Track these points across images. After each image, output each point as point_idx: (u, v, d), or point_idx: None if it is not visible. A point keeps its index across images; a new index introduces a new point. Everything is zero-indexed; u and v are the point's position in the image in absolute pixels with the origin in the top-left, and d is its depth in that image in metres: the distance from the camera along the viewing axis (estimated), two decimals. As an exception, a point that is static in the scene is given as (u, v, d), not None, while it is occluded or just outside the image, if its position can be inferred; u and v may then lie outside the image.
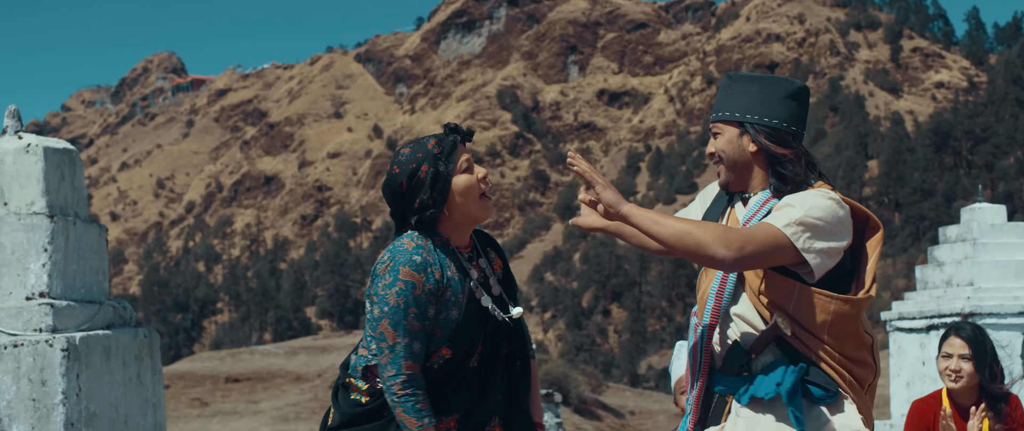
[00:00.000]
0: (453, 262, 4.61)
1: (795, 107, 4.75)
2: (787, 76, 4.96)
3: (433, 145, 4.60)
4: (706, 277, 4.80)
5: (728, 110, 4.78)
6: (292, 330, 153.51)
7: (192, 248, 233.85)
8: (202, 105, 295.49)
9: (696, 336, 4.78)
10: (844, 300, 4.63)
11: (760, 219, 4.65)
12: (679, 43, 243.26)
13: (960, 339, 6.79)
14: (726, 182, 4.83)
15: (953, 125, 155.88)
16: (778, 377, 4.58)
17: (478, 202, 4.65)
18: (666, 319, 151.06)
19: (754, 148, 4.73)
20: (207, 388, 63.38)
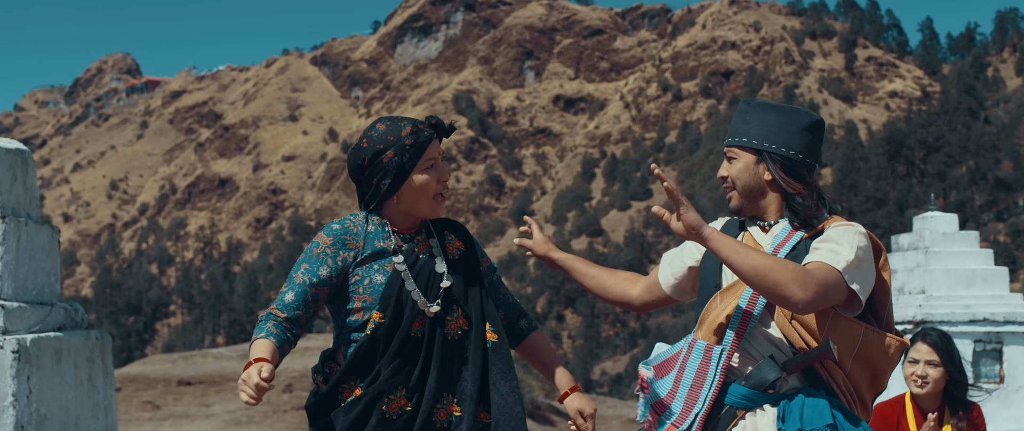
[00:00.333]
0: (388, 237, 4.73)
1: (810, 139, 4.80)
2: (804, 108, 4.97)
3: (407, 135, 4.65)
4: (724, 298, 4.78)
5: (746, 136, 4.81)
6: (245, 333, 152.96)
7: (145, 250, 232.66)
8: (156, 106, 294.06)
9: (704, 356, 4.74)
10: (873, 330, 4.72)
11: (789, 252, 4.71)
12: (635, 50, 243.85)
13: (927, 345, 6.81)
14: (739, 207, 4.87)
15: (906, 134, 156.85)
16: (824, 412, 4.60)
17: (430, 202, 4.73)
18: (620, 325, 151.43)
19: (770, 177, 4.79)
20: (159, 391, 63.08)
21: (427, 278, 4.69)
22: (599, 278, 5.32)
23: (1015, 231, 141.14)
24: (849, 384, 4.71)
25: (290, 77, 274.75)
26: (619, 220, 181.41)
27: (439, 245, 4.79)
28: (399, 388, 4.63)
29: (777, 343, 4.70)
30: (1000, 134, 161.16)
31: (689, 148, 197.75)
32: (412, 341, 4.65)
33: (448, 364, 4.67)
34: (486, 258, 4.95)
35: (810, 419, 4.60)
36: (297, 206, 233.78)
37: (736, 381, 4.73)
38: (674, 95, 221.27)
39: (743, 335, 4.70)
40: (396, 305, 4.64)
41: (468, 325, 4.72)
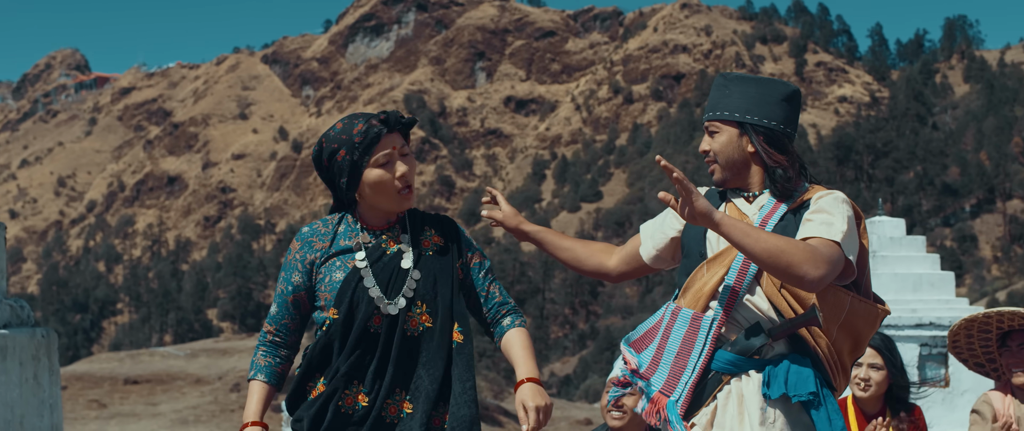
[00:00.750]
0: (357, 233, 4.75)
1: (789, 109, 4.86)
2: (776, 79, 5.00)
3: (357, 132, 4.63)
4: (711, 267, 4.83)
5: (727, 109, 4.86)
6: (193, 332, 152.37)
7: (93, 248, 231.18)
8: (105, 103, 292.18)
9: (691, 324, 4.79)
10: (859, 299, 4.80)
11: (777, 224, 4.77)
12: (586, 52, 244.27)
13: (870, 348, 6.82)
14: (722, 180, 4.91)
15: (855, 139, 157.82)
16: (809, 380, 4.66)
17: (392, 197, 4.70)
18: (569, 326, 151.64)
19: (753, 149, 4.84)
20: (106, 389, 62.71)
21: (390, 274, 4.68)
22: (573, 250, 5.32)
23: (961, 236, 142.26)
24: (833, 351, 4.76)
25: (240, 75, 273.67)
26: (569, 221, 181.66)
27: (410, 240, 4.76)
28: (355, 383, 4.64)
29: (763, 310, 4.75)
30: (947, 140, 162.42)
31: (639, 150, 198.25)
32: (370, 337, 4.65)
33: (404, 360, 4.66)
34: (476, 253, 4.87)
35: (795, 385, 4.66)
36: (246, 205, 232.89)
37: (722, 347, 4.77)
38: (625, 98, 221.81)
39: (734, 304, 4.75)
40: (350, 302, 4.64)
41: (433, 322, 4.69)
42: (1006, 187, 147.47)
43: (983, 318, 6.46)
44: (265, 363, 4.75)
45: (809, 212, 4.76)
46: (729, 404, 4.74)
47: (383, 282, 4.67)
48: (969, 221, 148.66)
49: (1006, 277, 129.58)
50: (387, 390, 4.64)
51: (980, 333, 6.57)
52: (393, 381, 4.65)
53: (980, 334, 6.58)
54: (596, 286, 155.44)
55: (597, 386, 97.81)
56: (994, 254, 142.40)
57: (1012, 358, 6.41)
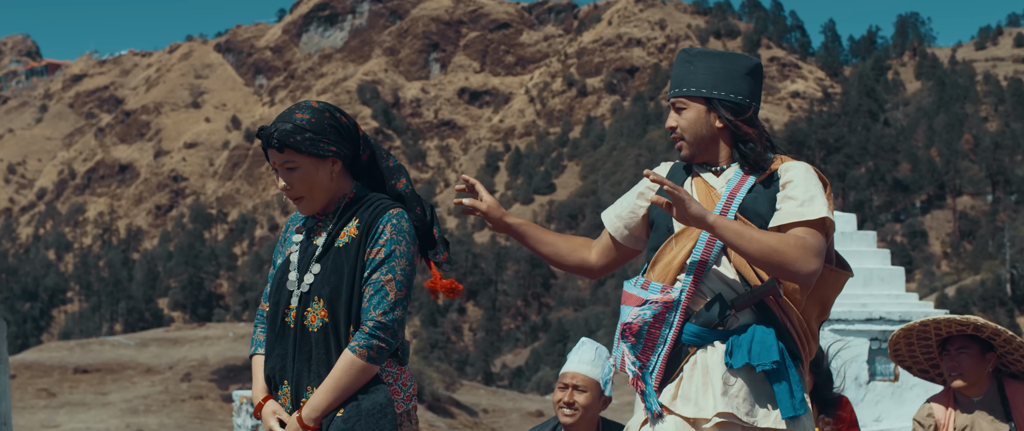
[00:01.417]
0: (303, 221, 4.79)
1: (753, 83, 4.91)
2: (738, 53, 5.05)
3: None
4: (679, 241, 4.87)
5: (694, 85, 4.89)
6: (144, 321, 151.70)
7: (43, 235, 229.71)
8: (57, 90, 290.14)
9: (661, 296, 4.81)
10: (829, 268, 4.86)
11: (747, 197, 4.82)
12: (541, 44, 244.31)
13: None
14: (690, 156, 4.95)
15: (807, 134, 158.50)
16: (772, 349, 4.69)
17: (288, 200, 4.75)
18: (521, 318, 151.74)
19: (721, 124, 4.88)
20: (55, 379, 62.34)
21: (305, 265, 4.66)
22: (555, 245, 5.25)
23: (912, 232, 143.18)
24: (801, 319, 4.80)
25: (193, 63, 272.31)
26: (522, 214, 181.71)
27: (329, 231, 4.68)
28: (284, 382, 4.63)
29: (730, 281, 4.79)
30: (899, 136, 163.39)
31: (593, 143, 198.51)
32: (288, 331, 4.63)
33: (306, 357, 4.58)
34: (379, 249, 4.57)
35: (758, 354, 4.69)
36: (198, 194, 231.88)
37: (688, 320, 4.81)
38: (579, 90, 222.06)
39: (702, 277, 4.79)
40: (277, 294, 4.67)
41: (334, 319, 4.58)
42: (956, 184, 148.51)
43: (921, 327, 6.55)
44: (261, 338, 4.76)
45: (783, 191, 4.82)
46: (694, 375, 4.78)
47: (300, 274, 4.66)
48: (919, 217, 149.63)
49: (955, 273, 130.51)
50: (298, 386, 4.59)
51: (920, 340, 6.66)
52: (301, 378, 4.59)
53: (920, 341, 6.66)
54: (548, 278, 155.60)
55: (549, 378, 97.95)
56: (944, 250, 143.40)
57: (951, 362, 6.50)
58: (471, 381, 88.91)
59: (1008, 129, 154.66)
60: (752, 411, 4.73)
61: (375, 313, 4.50)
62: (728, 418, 4.72)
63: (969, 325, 6.37)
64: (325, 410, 4.50)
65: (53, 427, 48.84)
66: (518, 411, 62.95)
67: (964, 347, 6.46)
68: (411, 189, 4.81)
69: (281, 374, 4.62)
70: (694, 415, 4.75)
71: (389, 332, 4.52)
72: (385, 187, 4.78)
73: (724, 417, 4.72)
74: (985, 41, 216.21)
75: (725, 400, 4.71)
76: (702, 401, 4.75)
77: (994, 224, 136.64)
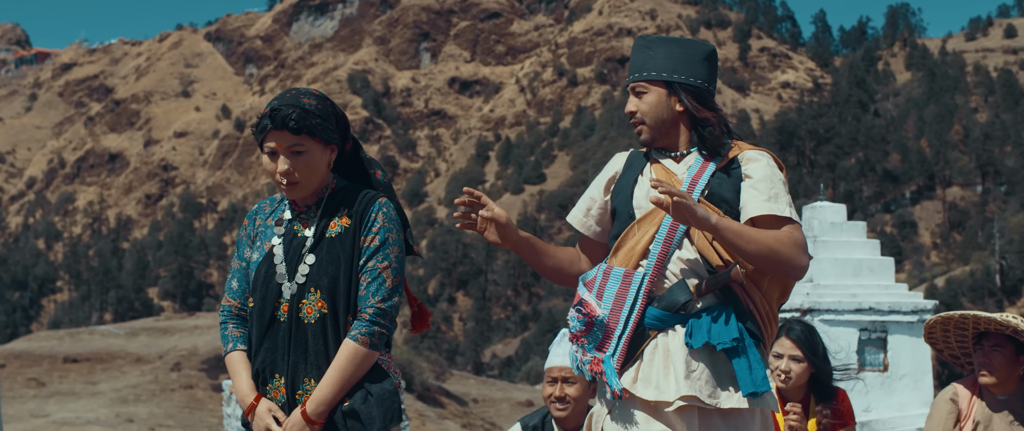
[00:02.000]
0: (282, 212, 4.74)
1: (710, 67, 4.98)
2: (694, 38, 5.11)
3: (261, 115, 4.60)
4: (642, 226, 4.91)
5: (654, 69, 4.94)
6: (133, 311, 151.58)
7: (32, 225, 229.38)
8: (46, 79, 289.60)
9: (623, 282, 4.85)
10: None
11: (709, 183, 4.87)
12: (531, 34, 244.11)
13: (790, 340, 6.82)
14: (650, 140, 4.99)
15: (797, 125, 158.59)
16: (732, 328, 4.73)
17: (280, 186, 4.62)
18: (511, 308, 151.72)
19: (681, 108, 4.93)
20: (44, 368, 62.26)
21: (294, 257, 4.63)
22: (557, 258, 5.24)
23: (901, 223, 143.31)
24: (764, 300, 4.86)
25: (183, 52, 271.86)
26: (512, 203, 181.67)
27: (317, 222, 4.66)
28: (277, 375, 4.61)
29: (693, 264, 4.84)
30: (889, 127, 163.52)
31: (583, 133, 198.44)
32: (278, 325, 4.60)
33: (304, 348, 4.56)
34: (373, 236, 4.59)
35: (717, 333, 4.72)
36: (188, 183, 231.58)
37: (651, 303, 4.84)
38: (569, 80, 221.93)
39: (664, 261, 4.83)
40: (263, 287, 4.61)
41: (328, 310, 4.57)
42: (946, 174, 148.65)
43: (960, 318, 6.57)
44: (240, 333, 4.69)
45: (748, 181, 4.88)
46: (655, 358, 4.81)
47: (289, 265, 4.62)
48: (909, 207, 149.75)
49: (945, 263, 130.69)
50: (294, 379, 4.57)
51: (957, 329, 6.67)
52: (297, 371, 4.57)
53: (957, 330, 6.68)
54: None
55: (538, 368, 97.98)
56: (933, 240, 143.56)
57: (983, 358, 6.52)
58: (461, 371, 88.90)
59: (998, 120, 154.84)
60: (715, 393, 4.75)
61: (374, 300, 4.52)
62: (691, 401, 4.74)
63: (1009, 327, 6.37)
64: (331, 402, 4.49)
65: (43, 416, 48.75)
66: (508, 401, 62.96)
67: (999, 345, 6.48)
68: (387, 180, 4.83)
69: (272, 368, 4.59)
70: (656, 398, 4.77)
71: (388, 318, 4.54)
72: (364, 178, 4.81)
73: (687, 400, 4.74)
74: (975, 32, 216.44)
75: (688, 383, 4.74)
76: (664, 384, 4.77)
77: (984, 215, 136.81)
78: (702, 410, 4.78)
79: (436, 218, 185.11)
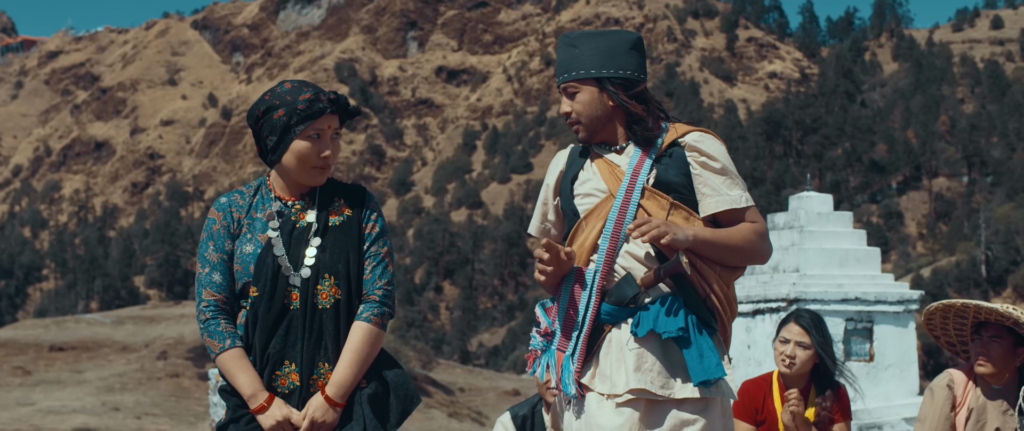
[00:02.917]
0: (268, 204, 4.76)
1: (638, 56, 4.93)
2: (617, 29, 5.07)
3: (303, 100, 4.64)
4: (589, 222, 4.91)
5: (582, 68, 4.91)
6: (120, 299, 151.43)
7: (18, 213, 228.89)
8: (32, 66, 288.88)
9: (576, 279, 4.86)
10: None
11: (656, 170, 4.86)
12: (519, 23, 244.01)
13: (799, 327, 6.87)
14: (587, 138, 4.98)
15: (784, 115, 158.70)
16: (677, 316, 4.73)
17: (307, 171, 4.68)
18: (498, 297, 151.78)
19: (612, 102, 4.90)
20: (30, 356, 62.19)
21: (298, 246, 4.68)
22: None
23: (888, 213, 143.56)
24: (723, 286, 4.85)
25: (170, 40, 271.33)
26: (499, 193, 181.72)
27: (317, 212, 4.74)
28: (287, 362, 4.64)
29: (641, 258, 4.82)
30: (876, 117, 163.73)
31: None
32: (290, 314, 4.64)
33: (319, 334, 4.64)
34: (374, 224, 4.78)
35: (664, 323, 4.72)
36: (175, 171, 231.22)
37: (604, 299, 4.84)
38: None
39: (614, 255, 4.81)
40: (268, 277, 4.63)
41: (342, 295, 4.67)
42: (932, 165, 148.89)
43: (961, 307, 6.60)
44: (231, 330, 4.66)
45: (700, 168, 4.88)
46: (610, 352, 4.82)
47: (291, 255, 4.67)
48: (895, 198, 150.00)
49: (931, 254, 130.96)
50: (309, 364, 4.62)
51: (956, 318, 6.70)
52: (313, 356, 4.63)
53: (956, 318, 6.71)
54: (525, 257, 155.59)
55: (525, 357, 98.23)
56: (919, 231, 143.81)
57: (982, 348, 6.55)
58: (448, 360, 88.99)
59: (984, 111, 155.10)
60: (667, 384, 4.75)
61: (381, 282, 4.70)
62: (640, 393, 4.74)
63: (1010, 318, 6.41)
64: (352, 384, 4.61)
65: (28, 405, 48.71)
66: (494, 390, 63.05)
67: (998, 336, 6.52)
68: None
69: (280, 356, 4.63)
70: (609, 392, 4.78)
71: (392, 300, 4.74)
72: None
73: (636, 393, 4.74)
74: (962, 23, 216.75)
75: (637, 376, 4.73)
76: (616, 378, 4.78)
77: (970, 206, 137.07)
78: (658, 401, 4.76)
79: (423, 207, 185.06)
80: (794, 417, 6.73)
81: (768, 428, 6.97)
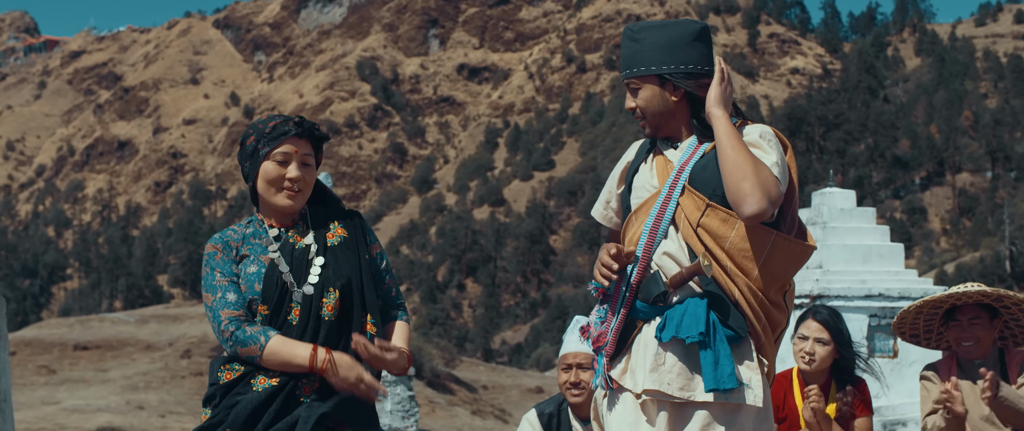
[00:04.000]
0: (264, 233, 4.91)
1: (703, 48, 4.90)
2: (681, 19, 5.07)
3: (272, 125, 4.83)
4: (638, 217, 4.91)
5: (643, 64, 4.88)
6: (143, 298, 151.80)
7: (42, 212, 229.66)
8: (55, 66, 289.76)
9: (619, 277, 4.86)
10: (783, 237, 4.80)
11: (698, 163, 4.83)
12: (540, 20, 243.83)
13: (817, 323, 6.87)
14: (653, 133, 4.97)
15: (807, 111, 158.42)
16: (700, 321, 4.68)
17: (276, 194, 4.85)
18: (520, 294, 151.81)
19: (676, 97, 4.87)
20: (55, 355, 62.38)
21: (300, 265, 4.83)
22: None
23: (911, 208, 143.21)
24: (753, 290, 4.76)
25: (192, 40, 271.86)
26: (521, 190, 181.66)
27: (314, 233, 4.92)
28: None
29: (675, 256, 4.80)
30: (898, 113, 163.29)
31: (592, 120, 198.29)
32: (290, 328, 4.77)
33: (332, 345, 4.78)
34: (377, 245, 5.05)
35: (686, 327, 4.69)
36: (197, 170, 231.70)
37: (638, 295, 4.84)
38: (578, 66, 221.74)
39: (650, 251, 4.80)
40: (277, 294, 4.77)
41: (345, 308, 4.82)
42: (956, 160, 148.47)
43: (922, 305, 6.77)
44: (258, 328, 4.74)
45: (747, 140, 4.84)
46: (638, 349, 4.83)
47: (295, 272, 4.82)
48: (919, 194, 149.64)
49: (954, 249, 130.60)
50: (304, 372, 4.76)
51: (930, 311, 6.79)
52: None
53: (929, 311, 6.79)
54: (548, 255, 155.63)
55: (548, 354, 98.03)
56: (943, 227, 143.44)
57: (963, 332, 6.67)
58: (470, 357, 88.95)
59: (1008, 106, 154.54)
60: (687, 386, 4.74)
61: (399, 295, 5.07)
62: (654, 394, 4.75)
63: (991, 296, 6.63)
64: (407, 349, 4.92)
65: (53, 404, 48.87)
66: (518, 387, 63.00)
67: (977, 317, 6.70)
68: None
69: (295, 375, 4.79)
70: (632, 388, 4.81)
71: None
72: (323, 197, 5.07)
73: (650, 393, 4.75)
74: (985, 17, 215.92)
75: (654, 376, 4.75)
76: (638, 375, 4.81)
77: (993, 201, 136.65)
78: (681, 402, 4.76)
79: (445, 205, 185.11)
80: (815, 413, 6.72)
81: (789, 425, 6.96)
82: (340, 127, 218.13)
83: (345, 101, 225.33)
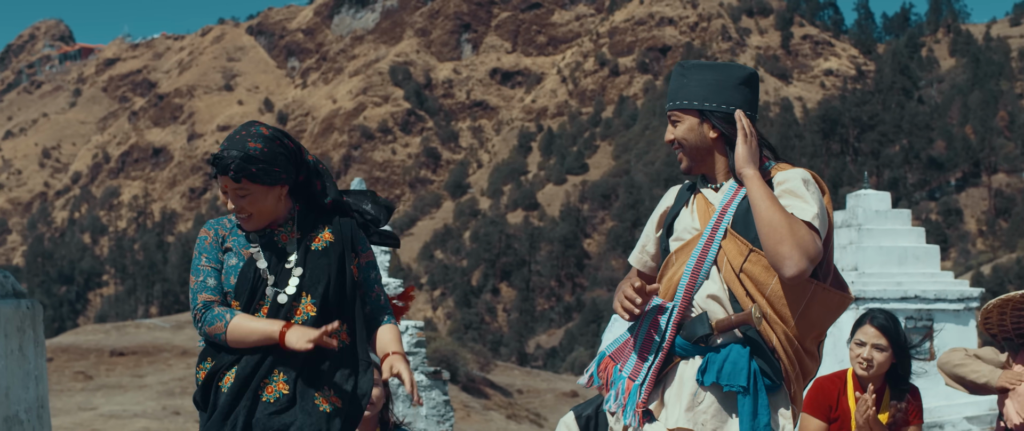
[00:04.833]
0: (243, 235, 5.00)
1: (748, 92, 4.95)
2: (737, 63, 5.17)
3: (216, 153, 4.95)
4: (679, 257, 4.94)
5: (686, 98, 4.95)
6: (179, 304, 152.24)
7: (78, 219, 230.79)
8: (90, 74, 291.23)
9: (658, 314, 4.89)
10: (822, 287, 4.83)
11: (739, 209, 4.84)
12: (573, 24, 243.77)
13: (875, 328, 6.80)
14: (689, 167, 5.02)
15: (841, 112, 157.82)
16: (742, 372, 4.71)
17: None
18: (555, 298, 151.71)
19: (714, 134, 4.92)
20: (91, 361, 62.63)
21: (279, 266, 4.90)
22: None
23: (947, 210, 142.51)
24: (790, 338, 4.80)
25: (226, 46, 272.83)
26: (555, 194, 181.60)
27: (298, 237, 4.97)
28: (276, 372, 4.82)
29: (719, 296, 4.81)
30: (933, 114, 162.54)
31: (625, 123, 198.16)
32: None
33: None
34: (368, 253, 5.08)
35: (728, 375, 4.73)
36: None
37: (679, 333, 4.86)
38: (611, 70, 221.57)
39: (692, 292, 4.83)
40: (249, 290, 4.85)
41: (317, 312, 4.87)
42: (991, 161, 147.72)
43: (1021, 298, 6.67)
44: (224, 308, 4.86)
45: (778, 192, 4.83)
46: (673, 385, 4.87)
47: (273, 272, 4.89)
48: (954, 195, 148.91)
49: (991, 251, 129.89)
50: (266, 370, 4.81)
51: (1014, 311, 6.71)
52: (273, 363, 4.81)
53: (1014, 312, 6.71)
54: (582, 259, 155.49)
55: (583, 358, 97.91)
56: (979, 228, 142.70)
57: None
58: (505, 362, 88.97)
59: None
60: (721, 428, 4.78)
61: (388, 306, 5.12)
62: None
63: None
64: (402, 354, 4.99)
65: (90, 409, 49.05)
66: (553, 392, 62.96)
67: None
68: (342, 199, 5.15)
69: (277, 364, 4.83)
70: (665, 423, 4.85)
71: None
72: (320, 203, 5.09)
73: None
74: (1020, 17, 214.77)
75: (689, 415, 4.79)
76: (672, 411, 4.84)
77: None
78: None
79: (479, 209, 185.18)
80: (867, 420, 6.68)
81: (841, 425, 6.92)
82: (374, 132, 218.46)
83: (378, 106, 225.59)
